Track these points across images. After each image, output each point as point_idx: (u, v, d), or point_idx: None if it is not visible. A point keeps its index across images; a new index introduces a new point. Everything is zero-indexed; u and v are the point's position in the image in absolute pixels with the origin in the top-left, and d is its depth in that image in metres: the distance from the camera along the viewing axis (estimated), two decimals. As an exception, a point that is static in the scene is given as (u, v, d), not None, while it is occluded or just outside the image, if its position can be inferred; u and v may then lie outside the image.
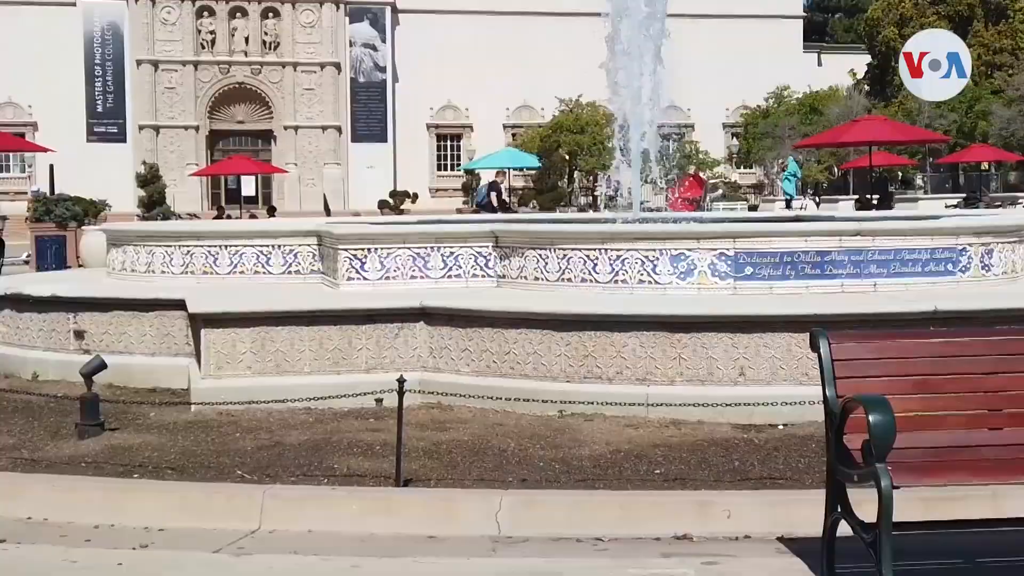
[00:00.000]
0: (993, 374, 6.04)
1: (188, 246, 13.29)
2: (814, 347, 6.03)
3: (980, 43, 67.19)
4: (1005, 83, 59.00)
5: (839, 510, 5.97)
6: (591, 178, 62.77)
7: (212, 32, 71.06)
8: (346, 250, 11.88)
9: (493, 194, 42.26)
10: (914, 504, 6.52)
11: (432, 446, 8.86)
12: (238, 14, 71.32)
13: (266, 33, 71.64)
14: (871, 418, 5.33)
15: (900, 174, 64.06)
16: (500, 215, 29.11)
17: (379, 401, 10.12)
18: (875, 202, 35.13)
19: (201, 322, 10.93)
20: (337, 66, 71.95)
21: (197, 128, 70.77)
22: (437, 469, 8.19)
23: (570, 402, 9.90)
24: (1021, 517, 6.35)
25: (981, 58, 66.31)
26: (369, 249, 11.86)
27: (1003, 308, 10.17)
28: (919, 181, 62.11)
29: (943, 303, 10.16)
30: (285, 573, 6.50)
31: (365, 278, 11.83)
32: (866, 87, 70.46)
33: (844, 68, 74.12)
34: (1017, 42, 63.11)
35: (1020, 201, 41.72)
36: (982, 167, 61.10)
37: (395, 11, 74.13)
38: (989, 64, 65.22)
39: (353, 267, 11.84)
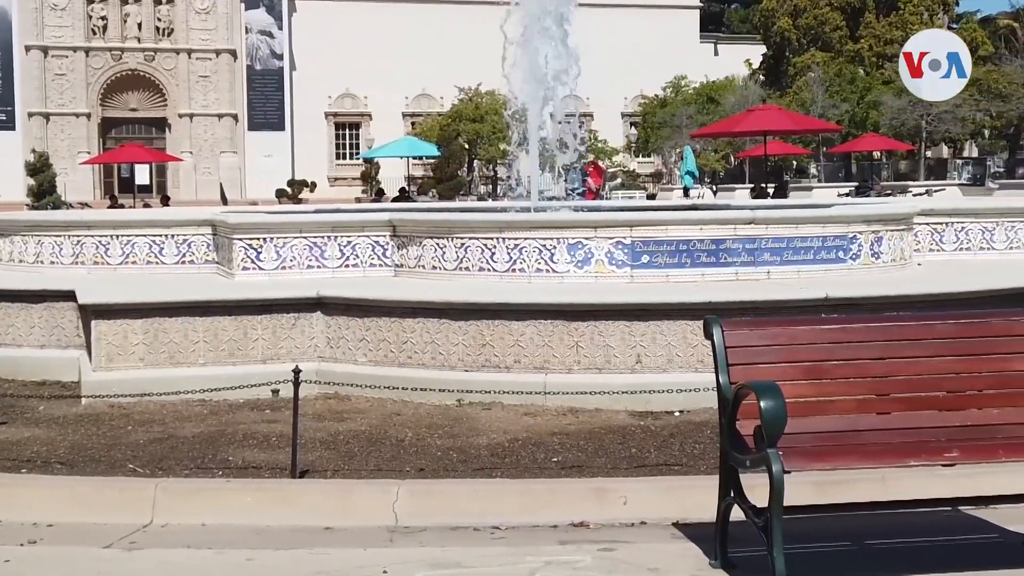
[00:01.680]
0: (881, 360, 6.14)
1: (78, 236, 13.06)
2: (708, 335, 6.09)
3: (872, 34, 68.67)
4: (896, 74, 60.23)
5: (732, 495, 6.03)
6: (491, 167, 62.79)
7: (104, 18, 69.73)
8: (241, 240, 11.75)
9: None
10: (806, 488, 6.63)
11: (329, 437, 8.79)
12: (131, -1, 70.12)
13: (160, 19, 70.52)
14: (762, 404, 5.39)
15: (795, 163, 65.09)
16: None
17: (275, 392, 10.01)
18: (771, 191, 35.64)
19: (91, 314, 10.70)
20: (233, 53, 71.06)
21: (89, 115, 69.43)
22: (334, 460, 8.14)
23: (468, 391, 9.90)
24: (908, 499, 6.51)
25: (872, 48, 67.71)
26: (265, 239, 11.75)
27: (891, 295, 10.37)
28: (813, 170, 63.13)
29: (834, 290, 10.34)
30: (178, 567, 6.39)
31: (261, 268, 11.72)
32: (761, 77, 71.51)
33: (740, 58, 75.22)
34: (908, 33, 64.33)
35: (911, 190, 42.59)
36: (874, 156, 62.38)
37: (292, -2, 73.49)
38: (880, 55, 66.60)
39: (248, 257, 11.72)
